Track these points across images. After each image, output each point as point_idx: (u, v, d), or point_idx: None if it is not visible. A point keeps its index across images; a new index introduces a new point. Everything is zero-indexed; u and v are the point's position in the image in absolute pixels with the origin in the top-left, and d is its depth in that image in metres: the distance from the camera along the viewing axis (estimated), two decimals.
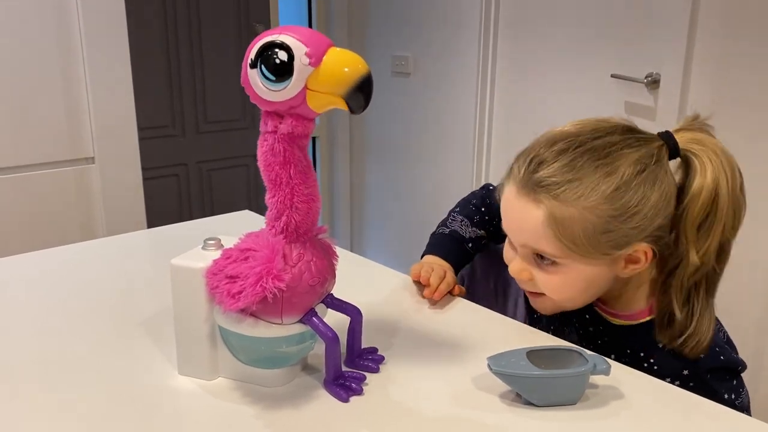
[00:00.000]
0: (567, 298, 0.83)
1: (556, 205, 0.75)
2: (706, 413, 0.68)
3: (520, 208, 0.78)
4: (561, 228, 0.75)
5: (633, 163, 0.75)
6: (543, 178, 0.76)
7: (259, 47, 0.59)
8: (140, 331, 0.83)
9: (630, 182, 0.75)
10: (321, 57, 0.58)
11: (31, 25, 1.62)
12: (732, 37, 1.62)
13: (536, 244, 0.78)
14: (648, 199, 0.75)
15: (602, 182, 0.75)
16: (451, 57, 2.44)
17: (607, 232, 0.75)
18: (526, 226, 0.78)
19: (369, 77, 0.58)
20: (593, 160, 0.76)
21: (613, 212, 0.75)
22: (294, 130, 0.61)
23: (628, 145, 0.77)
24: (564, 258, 0.78)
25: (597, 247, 0.76)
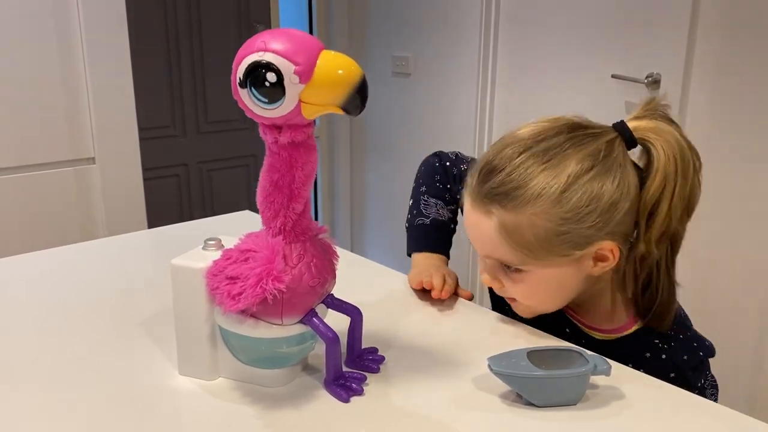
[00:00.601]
0: (538, 302, 0.82)
1: (505, 215, 0.75)
2: (707, 413, 0.68)
3: (476, 221, 0.78)
4: (513, 236, 0.75)
5: (579, 161, 0.74)
6: (490, 189, 0.76)
7: (245, 68, 0.56)
8: (140, 331, 0.83)
9: (577, 182, 0.73)
10: (311, 70, 0.56)
11: (31, 26, 1.62)
12: (732, 38, 1.62)
13: (495, 253, 0.78)
14: (601, 196, 0.74)
15: (548, 186, 0.73)
16: (451, 57, 2.44)
17: (561, 234, 0.74)
18: (482, 238, 0.78)
19: (363, 82, 0.57)
20: (538, 164, 0.75)
21: (564, 214, 0.73)
22: (294, 139, 0.61)
23: (574, 144, 0.75)
24: (525, 265, 0.77)
25: (553, 251, 0.75)
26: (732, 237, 1.66)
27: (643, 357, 0.81)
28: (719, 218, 1.66)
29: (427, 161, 1.08)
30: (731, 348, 1.66)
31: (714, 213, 1.66)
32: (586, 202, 0.73)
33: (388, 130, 2.81)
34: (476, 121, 2.38)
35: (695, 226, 0.83)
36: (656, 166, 0.75)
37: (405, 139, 2.72)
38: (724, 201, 1.65)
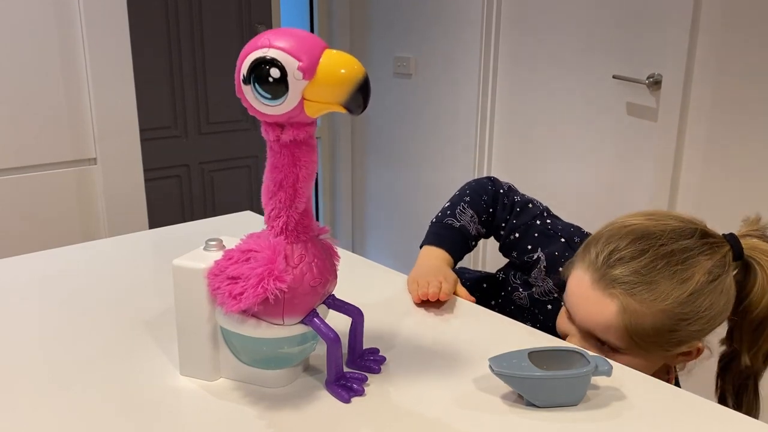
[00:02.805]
0: None
1: (631, 302, 0.78)
2: (708, 414, 0.67)
3: (594, 300, 0.81)
4: (632, 323, 0.78)
5: (707, 272, 0.79)
6: (621, 276, 0.79)
7: (249, 64, 0.57)
8: (142, 331, 0.83)
9: (703, 290, 0.78)
10: (315, 68, 0.56)
11: (33, 26, 1.62)
12: (733, 38, 1.62)
13: (604, 335, 0.82)
14: (715, 306, 0.79)
15: (678, 288, 0.78)
16: (452, 58, 2.44)
17: (673, 331, 0.79)
18: (598, 318, 0.81)
19: (366, 81, 0.57)
20: (671, 265, 0.79)
21: (683, 315, 0.78)
22: (296, 137, 0.61)
23: (703, 252, 0.80)
24: (626, 349, 0.81)
25: (661, 344, 0.80)
26: None
27: None
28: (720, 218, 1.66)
29: (479, 180, 1.11)
30: None
31: (715, 213, 1.66)
32: (703, 309, 0.78)
33: (389, 130, 2.81)
34: (477, 122, 2.38)
35: None
36: (763, 285, 0.81)
37: (406, 139, 2.72)
38: (725, 201, 1.65)
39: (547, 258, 1.01)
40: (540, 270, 1.01)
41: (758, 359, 0.83)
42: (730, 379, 0.86)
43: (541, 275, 1.02)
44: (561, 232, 1.03)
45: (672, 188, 1.77)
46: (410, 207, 2.77)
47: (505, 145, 2.34)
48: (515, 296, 1.06)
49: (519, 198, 1.08)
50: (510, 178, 2.32)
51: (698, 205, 1.72)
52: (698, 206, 1.72)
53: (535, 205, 1.07)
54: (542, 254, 1.01)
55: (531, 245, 1.03)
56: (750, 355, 0.83)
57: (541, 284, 1.02)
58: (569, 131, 2.10)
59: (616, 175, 1.97)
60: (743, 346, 0.83)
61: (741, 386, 0.85)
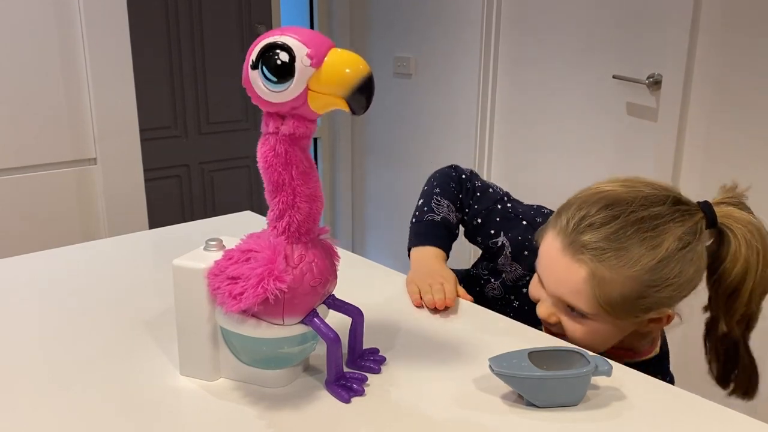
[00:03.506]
0: (589, 345, 0.85)
1: (600, 268, 0.78)
2: (708, 414, 0.68)
3: (564, 265, 0.81)
4: (601, 289, 0.78)
5: (677, 238, 0.78)
6: (590, 242, 0.79)
7: (260, 48, 0.59)
8: (142, 331, 0.83)
9: (672, 257, 0.78)
10: (322, 58, 0.58)
11: (33, 26, 1.62)
12: (734, 38, 1.62)
13: (572, 299, 0.81)
14: (685, 273, 0.79)
15: (647, 254, 0.77)
16: (452, 58, 2.44)
17: (641, 297, 0.79)
18: (566, 282, 0.81)
19: (370, 78, 0.58)
20: (641, 232, 0.78)
21: (651, 282, 0.78)
22: (296, 131, 0.61)
23: (674, 219, 0.79)
24: (595, 315, 0.81)
25: (630, 311, 0.80)
26: None
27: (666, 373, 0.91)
28: None
29: (442, 170, 1.13)
30: None
31: None
32: (673, 276, 0.78)
33: (389, 130, 2.81)
34: (477, 122, 2.38)
35: None
36: (736, 252, 0.80)
37: (406, 139, 2.72)
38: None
39: (511, 244, 1.02)
40: (506, 257, 1.03)
41: (733, 324, 0.83)
42: (713, 346, 0.86)
43: (507, 261, 1.03)
44: (522, 215, 1.04)
45: None
46: (410, 207, 2.75)
47: (505, 145, 2.34)
48: (488, 289, 1.07)
49: (479, 183, 1.09)
50: (510, 177, 2.33)
51: None
52: None
53: (495, 191, 1.08)
54: (506, 240, 1.02)
55: (493, 230, 1.04)
56: (726, 321, 0.83)
57: (509, 270, 1.03)
58: (569, 131, 2.10)
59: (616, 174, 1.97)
60: (719, 313, 0.83)
61: (728, 350, 0.85)
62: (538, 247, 0.87)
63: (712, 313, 0.85)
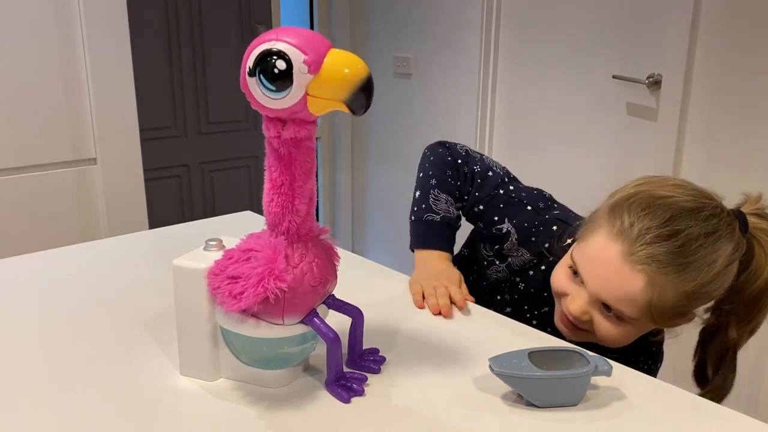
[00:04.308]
0: (613, 343, 0.86)
1: (660, 280, 0.78)
2: (708, 414, 0.68)
3: (622, 271, 0.80)
4: (656, 300, 0.79)
5: (729, 255, 0.79)
6: (654, 254, 0.78)
7: (256, 56, 0.58)
8: (142, 331, 0.83)
9: (719, 273, 0.79)
10: (320, 63, 0.57)
11: (33, 26, 1.62)
12: (733, 38, 1.62)
13: (618, 305, 0.81)
14: (724, 286, 0.81)
15: (704, 271, 0.78)
16: (452, 58, 2.44)
17: (685, 306, 0.80)
18: (620, 289, 0.80)
19: (369, 80, 0.58)
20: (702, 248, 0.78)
21: (696, 295, 0.79)
22: (297, 134, 0.61)
23: (726, 234, 0.80)
24: (637, 320, 0.82)
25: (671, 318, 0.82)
26: None
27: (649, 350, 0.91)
28: None
29: (435, 151, 1.08)
30: None
31: None
32: (715, 289, 0.80)
33: (389, 130, 2.81)
34: (477, 122, 2.38)
35: None
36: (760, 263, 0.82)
37: (406, 139, 2.72)
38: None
39: (517, 230, 0.99)
40: (512, 243, 1.00)
41: (744, 333, 0.84)
42: (712, 349, 0.87)
43: (514, 247, 1.00)
44: (526, 198, 1.02)
45: None
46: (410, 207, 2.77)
47: (505, 144, 2.34)
48: (492, 270, 1.04)
49: (478, 168, 1.05)
50: None
51: None
52: None
53: (495, 173, 1.04)
54: (511, 226, 1.00)
55: (497, 216, 1.01)
56: (738, 329, 0.84)
57: (516, 254, 1.00)
58: (569, 131, 2.10)
59: (617, 175, 1.97)
60: (733, 318, 0.84)
61: (721, 355, 0.86)
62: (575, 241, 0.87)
63: (721, 319, 0.85)
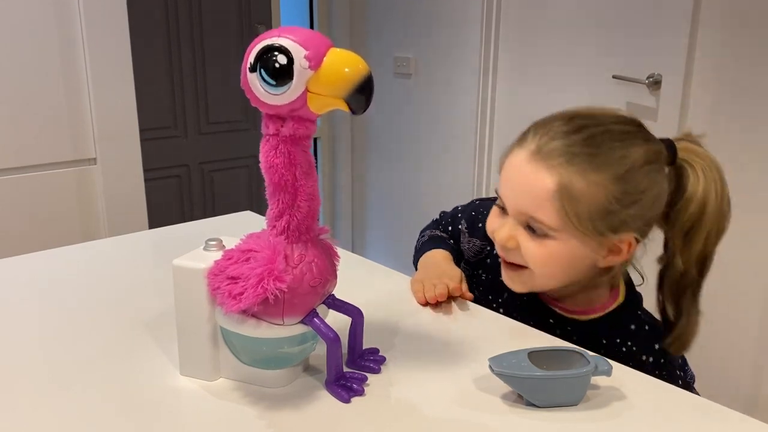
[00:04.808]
0: (547, 273, 0.83)
1: (569, 175, 0.76)
2: (707, 413, 0.68)
3: (530, 173, 0.78)
4: (569, 200, 0.76)
5: (645, 153, 0.78)
6: (560, 147, 0.77)
7: (257, 51, 0.58)
8: (142, 331, 0.83)
9: (638, 170, 0.77)
10: (321, 59, 0.58)
11: (33, 26, 1.62)
12: (733, 38, 1.62)
13: (536, 212, 0.78)
14: (651, 190, 0.78)
15: (617, 162, 0.76)
16: (452, 58, 2.44)
17: (609, 213, 0.77)
18: (532, 191, 0.78)
19: (369, 78, 0.58)
20: (611, 140, 0.78)
21: (619, 194, 0.76)
22: (296, 132, 0.61)
23: (642, 137, 0.80)
24: (559, 231, 0.78)
25: (596, 226, 0.78)
26: (733, 236, 1.66)
27: (628, 329, 0.86)
28: None
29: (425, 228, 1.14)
30: (732, 348, 1.66)
31: None
32: (640, 190, 0.77)
33: (389, 130, 2.81)
34: (477, 122, 2.38)
35: None
36: (695, 186, 0.80)
37: (406, 139, 2.72)
38: None
39: (466, 220, 1.03)
40: (464, 234, 1.03)
41: (691, 263, 0.82)
42: (667, 286, 0.84)
43: (466, 239, 1.02)
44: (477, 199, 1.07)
45: None
46: (410, 206, 2.77)
47: (505, 145, 2.34)
48: None
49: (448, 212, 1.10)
50: None
51: None
52: None
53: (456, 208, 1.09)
54: (463, 220, 1.04)
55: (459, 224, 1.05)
56: (683, 258, 0.81)
57: (468, 246, 1.02)
58: None
59: None
60: (676, 250, 0.82)
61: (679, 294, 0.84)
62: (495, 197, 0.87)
63: (668, 254, 0.83)
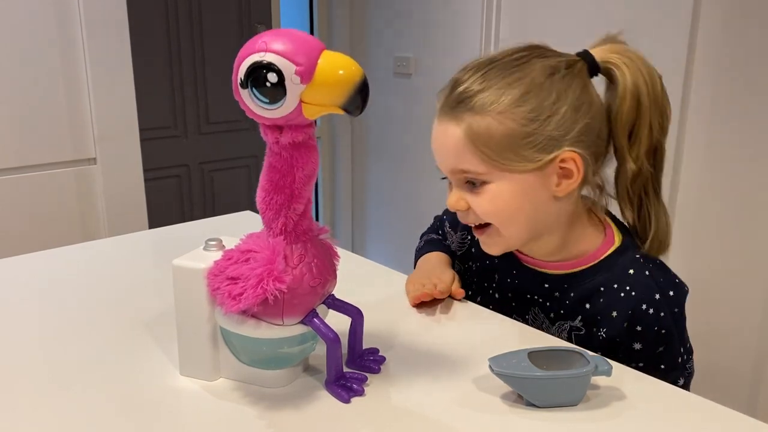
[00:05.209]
0: (507, 221, 0.81)
1: (472, 117, 0.77)
2: (708, 413, 0.68)
3: (443, 132, 0.80)
4: (480, 138, 0.76)
5: (542, 68, 0.78)
6: (457, 94, 0.78)
7: (246, 69, 0.57)
8: (142, 331, 0.83)
9: (541, 84, 0.76)
10: (312, 70, 0.56)
11: (33, 26, 1.62)
12: (734, 37, 1.62)
13: (462, 164, 0.79)
14: (563, 100, 0.76)
15: (513, 86, 0.76)
16: (452, 58, 2.44)
17: (527, 136, 0.76)
18: (449, 147, 0.79)
19: (364, 82, 0.57)
20: (504, 70, 0.78)
21: (529, 114, 0.76)
22: (295, 139, 0.61)
23: (539, 55, 0.79)
24: (490, 173, 0.78)
25: (519, 153, 0.77)
26: (733, 235, 1.66)
27: (626, 274, 0.82)
28: (721, 216, 1.66)
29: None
30: (732, 348, 1.66)
31: (715, 211, 1.67)
32: (550, 103, 0.76)
33: (389, 130, 2.81)
34: None
35: (695, 223, 0.84)
36: (624, 85, 0.79)
37: (406, 139, 2.73)
38: (726, 199, 1.65)
39: (448, 219, 1.04)
40: (450, 234, 1.04)
41: (642, 160, 0.81)
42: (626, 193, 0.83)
43: (451, 236, 1.03)
44: None
45: (672, 188, 1.77)
46: (410, 206, 2.77)
47: None
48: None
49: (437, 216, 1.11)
50: None
51: (699, 205, 1.72)
52: (699, 206, 1.72)
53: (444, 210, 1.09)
54: (445, 219, 1.05)
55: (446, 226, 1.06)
56: (633, 157, 0.80)
57: (452, 241, 1.03)
58: None
59: None
60: (624, 152, 0.81)
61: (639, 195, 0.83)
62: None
63: (619, 159, 0.82)
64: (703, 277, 1.70)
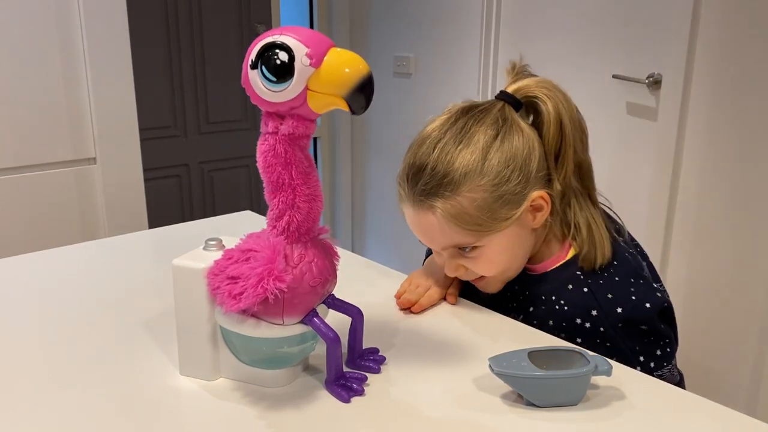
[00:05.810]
0: (502, 269, 0.87)
1: (444, 203, 0.81)
2: (708, 413, 0.68)
3: (420, 220, 0.84)
4: (460, 219, 0.81)
5: (484, 133, 0.81)
6: (423, 188, 0.82)
7: (259, 48, 0.59)
8: (142, 331, 0.83)
9: (490, 150, 0.80)
10: (322, 58, 0.58)
11: (32, 27, 1.62)
12: (733, 37, 1.62)
13: (450, 241, 0.84)
14: (514, 154, 0.81)
15: (469, 163, 0.80)
16: (452, 57, 2.44)
17: (497, 199, 0.81)
18: (433, 233, 0.84)
19: (370, 78, 0.58)
20: (453, 150, 0.81)
21: (493, 180, 0.80)
22: (295, 130, 0.61)
23: (475, 122, 0.83)
24: (480, 240, 0.83)
25: (497, 217, 0.82)
26: (732, 237, 1.66)
27: (564, 289, 0.86)
28: (719, 218, 1.66)
29: None
30: (732, 348, 1.66)
31: (714, 213, 1.66)
32: (505, 164, 0.81)
33: (389, 130, 2.81)
34: None
35: (695, 223, 0.84)
36: (547, 113, 0.84)
37: (406, 139, 2.72)
38: (725, 201, 1.65)
39: None
40: None
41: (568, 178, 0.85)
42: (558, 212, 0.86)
43: None
44: None
45: (672, 188, 1.77)
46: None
47: None
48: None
49: None
50: None
51: (698, 205, 1.72)
52: (698, 206, 1.72)
53: None
54: None
55: None
56: (560, 180, 0.85)
57: None
58: None
59: (616, 174, 1.97)
60: (553, 176, 0.85)
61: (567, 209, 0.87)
62: None
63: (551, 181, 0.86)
64: (702, 277, 1.70)
